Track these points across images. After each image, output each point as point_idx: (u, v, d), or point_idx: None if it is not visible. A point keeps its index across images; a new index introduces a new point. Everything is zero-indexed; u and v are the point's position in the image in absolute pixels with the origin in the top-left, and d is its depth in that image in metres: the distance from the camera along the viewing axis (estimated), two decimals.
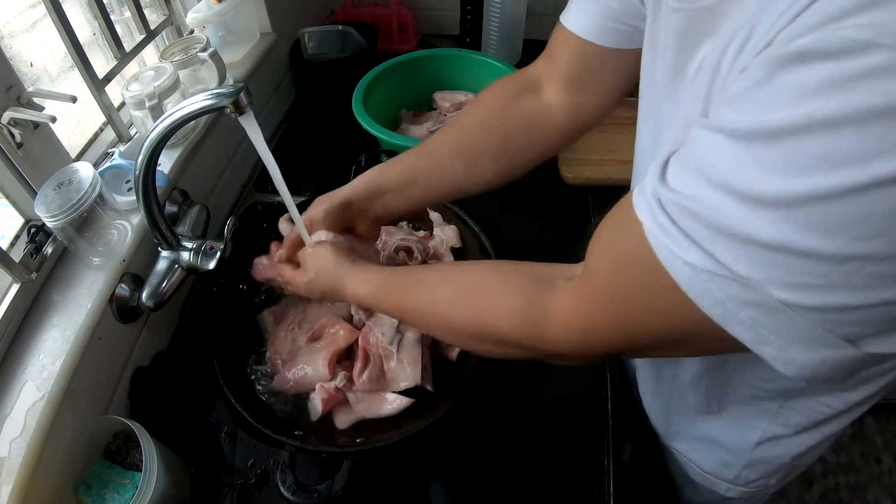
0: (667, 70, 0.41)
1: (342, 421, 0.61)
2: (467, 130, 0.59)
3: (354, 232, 0.62)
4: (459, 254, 0.75)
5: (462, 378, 0.62)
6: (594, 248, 0.37)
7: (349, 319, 0.67)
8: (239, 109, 0.48)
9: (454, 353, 0.65)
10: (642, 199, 0.31)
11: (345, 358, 0.65)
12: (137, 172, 0.53)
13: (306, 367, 0.62)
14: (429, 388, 0.61)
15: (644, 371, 0.68)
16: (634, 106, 0.56)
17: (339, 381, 0.61)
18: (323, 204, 0.59)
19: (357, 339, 0.64)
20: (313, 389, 0.62)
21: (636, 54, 0.52)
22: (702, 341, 0.32)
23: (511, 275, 0.44)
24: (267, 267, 0.67)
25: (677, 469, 0.68)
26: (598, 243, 0.36)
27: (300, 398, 0.63)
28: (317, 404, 0.61)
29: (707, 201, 0.27)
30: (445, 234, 0.76)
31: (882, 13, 0.21)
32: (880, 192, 0.22)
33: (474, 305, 0.45)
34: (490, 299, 0.44)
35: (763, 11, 0.28)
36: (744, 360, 0.50)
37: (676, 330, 0.32)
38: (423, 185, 0.60)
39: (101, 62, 0.74)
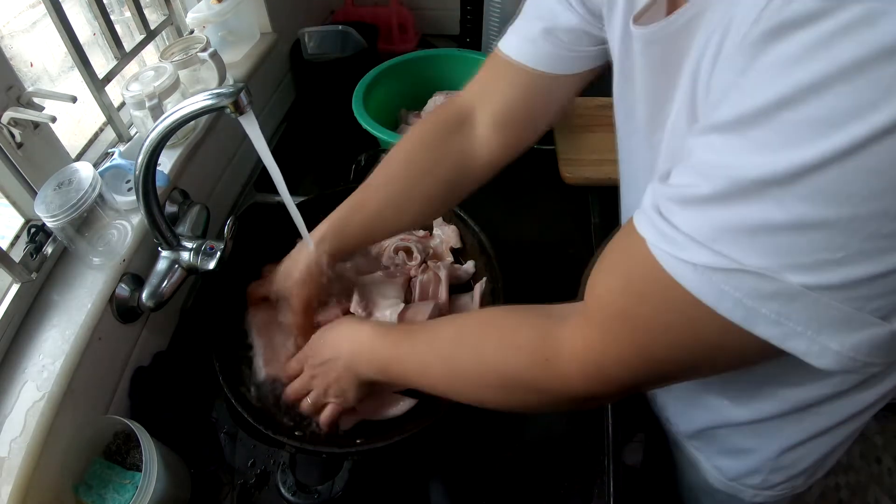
0: (652, 102, 0.41)
1: (345, 422, 0.60)
2: (406, 177, 0.60)
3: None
4: (459, 254, 0.75)
5: None
6: (600, 274, 0.35)
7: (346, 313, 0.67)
8: (239, 109, 0.48)
9: None
10: (642, 216, 0.31)
11: None
12: (137, 172, 0.53)
13: None
14: None
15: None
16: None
17: None
18: (300, 298, 0.61)
19: None
20: None
21: (582, 75, 0.54)
22: (728, 353, 0.30)
23: (520, 313, 0.43)
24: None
25: (696, 477, 0.66)
26: (603, 268, 0.35)
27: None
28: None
29: (706, 191, 0.26)
30: (445, 234, 0.76)
31: None
32: (883, 142, 0.21)
33: (480, 347, 0.43)
34: (499, 337, 0.42)
35: (733, 10, 0.28)
36: (768, 373, 0.49)
37: (699, 344, 0.30)
38: (379, 235, 0.65)
39: (101, 62, 0.74)
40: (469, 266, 0.73)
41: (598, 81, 0.57)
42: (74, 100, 0.58)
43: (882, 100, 0.21)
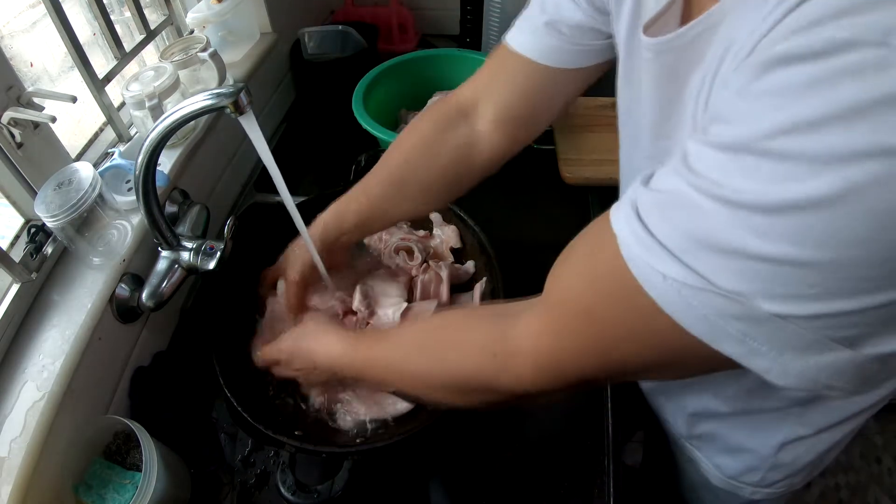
0: (659, 110, 0.41)
1: (346, 422, 0.61)
2: (406, 168, 0.60)
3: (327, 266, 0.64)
4: (459, 254, 0.75)
5: None
6: (562, 267, 0.35)
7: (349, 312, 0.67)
8: (239, 109, 0.48)
9: None
10: (619, 212, 0.30)
11: None
12: (137, 172, 0.53)
13: None
14: None
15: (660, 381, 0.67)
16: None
17: None
18: (296, 269, 0.63)
19: None
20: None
21: (586, 71, 0.53)
22: (688, 361, 0.30)
23: (475, 314, 0.43)
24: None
25: (696, 475, 0.67)
26: (567, 262, 0.35)
27: (301, 399, 0.63)
28: (315, 400, 0.62)
29: (689, 204, 0.26)
30: (445, 234, 0.76)
31: (860, 18, 0.21)
32: (875, 190, 0.21)
33: (436, 350, 0.43)
34: (451, 340, 0.42)
35: (738, 28, 0.27)
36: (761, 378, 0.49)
37: (660, 351, 0.30)
38: (378, 223, 0.65)
39: (101, 62, 0.74)
40: (469, 266, 0.73)
41: (600, 81, 0.57)
42: (74, 100, 0.58)
43: (881, 147, 0.20)
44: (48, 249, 0.60)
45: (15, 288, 0.57)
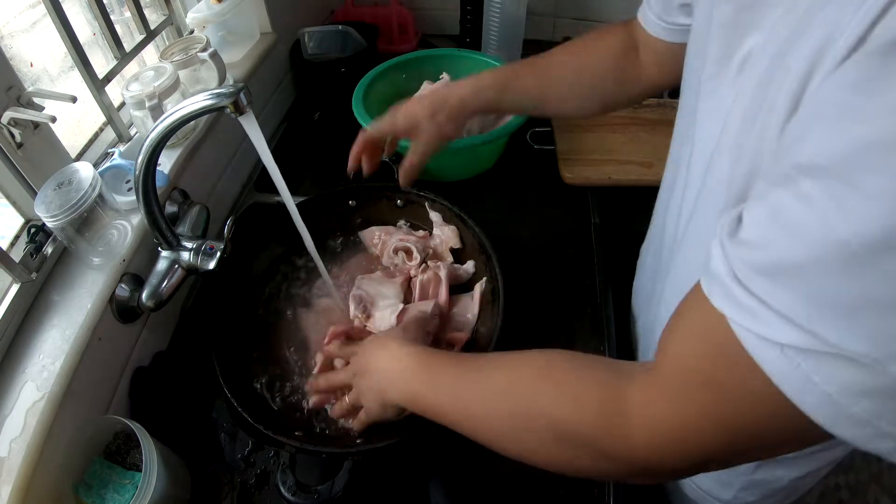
0: (710, 65, 0.39)
1: (356, 424, 0.60)
2: (589, 70, 0.63)
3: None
4: (459, 254, 0.75)
5: None
6: (672, 337, 0.31)
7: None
8: (239, 109, 0.48)
9: None
10: (716, 285, 0.26)
11: None
12: (137, 172, 0.53)
13: None
14: None
15: None
16: (633, 106, 0.57)
17: None
18: (438, 108, 0.64)
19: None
20: None
21: (671, 48, 0.54)
22: (800, 443, 0.27)
23: (582, 362, 0.38)
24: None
25: (673, 482, 0.67)
26: (677, 331, 0.31)
27: (300, 398, 0.63)
28: (310, 399, 0.61)
29: (797, 262, 0.22)
30: (445, 234, 0.76)
31: None
32: None
33: (536, 394, 0.37)
34: (557, 385, 0.37)
35: (832, 6, 0.23)
36: None
37: (781, 432, 0.26)
38: (532, 106, 0.67)
39: (101, 62, 0.74)
40: (469, 266, 0.73)
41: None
42: (74, 100, 0.58)
43: None
44: (48, 249, 0.60)
45: (15, 288, 0.57)
